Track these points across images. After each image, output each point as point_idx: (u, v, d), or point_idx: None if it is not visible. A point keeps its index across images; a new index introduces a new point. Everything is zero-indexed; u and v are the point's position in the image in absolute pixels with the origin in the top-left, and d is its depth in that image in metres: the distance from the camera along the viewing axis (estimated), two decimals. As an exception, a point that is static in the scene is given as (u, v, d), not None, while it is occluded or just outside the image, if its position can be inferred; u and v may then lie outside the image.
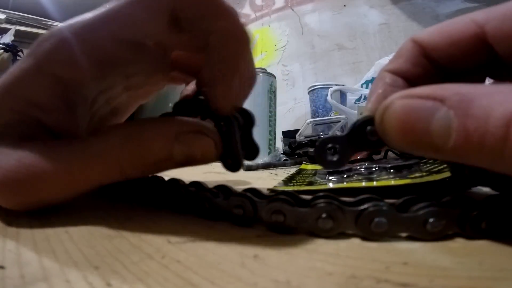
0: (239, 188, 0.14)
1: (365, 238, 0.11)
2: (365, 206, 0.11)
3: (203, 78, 0.15)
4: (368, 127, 0.12)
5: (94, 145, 0.13)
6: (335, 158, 0.13)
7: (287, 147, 0.62)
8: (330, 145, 0.13)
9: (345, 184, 0.22)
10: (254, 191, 0.14)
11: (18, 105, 0.13)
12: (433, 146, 0.10)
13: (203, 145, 0.14)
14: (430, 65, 0.14)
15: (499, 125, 0.08)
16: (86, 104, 0.15)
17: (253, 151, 0.16)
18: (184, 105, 0.17)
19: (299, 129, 0.69)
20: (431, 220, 0.11)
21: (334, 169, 0.14)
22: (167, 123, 0.14)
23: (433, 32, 0.14)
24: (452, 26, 0.13)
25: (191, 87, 0.19)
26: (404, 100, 0.10)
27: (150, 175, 0.16)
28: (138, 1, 0.14)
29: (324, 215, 0.11)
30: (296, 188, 0.23)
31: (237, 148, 0.15)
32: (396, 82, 0.14)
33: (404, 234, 0.12)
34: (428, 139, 0.10)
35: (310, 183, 0.24)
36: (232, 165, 0.15)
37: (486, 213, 0.11)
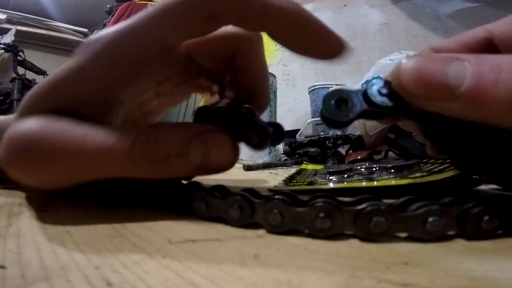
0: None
1: (365, 238, 0.11)
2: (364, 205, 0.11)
3: (240, 81, 0.18)
4: (381, 86, 0.13)
5: (110, 129, 0.13)
6: (341, 112, 0.13)
7: (287, 147, 0.62)
8: (339, 98, 0.13)
9: (345, 184, 0.22)
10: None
11: (63, 100, 0.15)
12: (448, 90, 0.10)
13: (220, 143, 0.13)
14: None
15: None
16: (120, 105, 0.16)
17: (277, 132, 0.16)
18: (207, 113, 0.16)
19: (299, 129, 0.69)
20: (430, 219, 0.11)
21: (339, 126, 0.13)
22: (187, 124, 0.14)
23: (450, 40, 0.16)
24: (467, 33, 0.16)
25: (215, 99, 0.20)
26: (423, 56, 0.11)
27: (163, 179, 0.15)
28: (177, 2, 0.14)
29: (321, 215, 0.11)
30: (296, 188, 0.23)
31: (260, 121, 0.15)
32: None
33: (403, 235, 0.12)
34: (443, 81, 0.10)
35: (311, 183, 0.24)
36: (261, 139, 0.14)
37: (488, 211, 0.11)
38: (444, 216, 0.11)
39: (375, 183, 0.21)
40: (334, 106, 0.13)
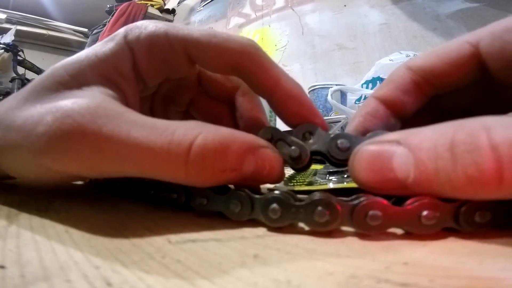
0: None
1: (365, 238, 0.11)
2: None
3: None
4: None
5: (160, 122, 0.13)
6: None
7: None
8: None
9: (345, 184, 0.22)
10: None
11: (108, 72, 0.15)
12: (399, 183, 0.11)
13: (272, 160, 0.14)
14: (419, 92, 0.15)
15: (446, 149, 0.10)
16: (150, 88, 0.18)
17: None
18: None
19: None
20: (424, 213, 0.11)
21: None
22: (241, 134, 0.13)
23: (430, 56, 0.15)
24: (448, 48, 0.15)
25: None
26: (369, 146, 0.12)
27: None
28: None
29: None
30: (296, 188, 0.23)
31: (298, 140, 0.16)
32: (377, 112, 0.16)
33: (401, 232, 0.12)
34: (393, 176, 0.11)
35: (310, 183, 0.24)
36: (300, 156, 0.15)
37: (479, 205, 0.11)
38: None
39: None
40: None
